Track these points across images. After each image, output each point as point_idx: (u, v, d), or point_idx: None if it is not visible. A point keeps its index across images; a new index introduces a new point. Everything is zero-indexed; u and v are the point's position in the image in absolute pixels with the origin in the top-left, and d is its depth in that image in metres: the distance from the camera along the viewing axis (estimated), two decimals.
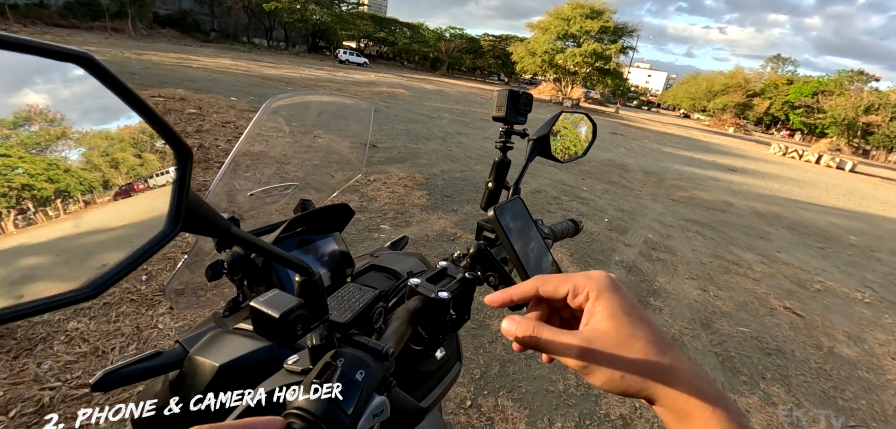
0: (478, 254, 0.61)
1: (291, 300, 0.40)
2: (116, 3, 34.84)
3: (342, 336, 0.46)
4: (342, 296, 0.52)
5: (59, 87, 0.27)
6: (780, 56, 67.29)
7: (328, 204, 0.75)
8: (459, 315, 0.61)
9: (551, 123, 0.83)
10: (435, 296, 0.54)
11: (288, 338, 0.39)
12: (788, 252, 5.63)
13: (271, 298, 0.40)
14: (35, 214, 0.26)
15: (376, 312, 0.52)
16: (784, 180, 13.78)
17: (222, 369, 0.55)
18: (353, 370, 0.39)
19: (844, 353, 3.25)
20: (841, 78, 44.61)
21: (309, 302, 0.42)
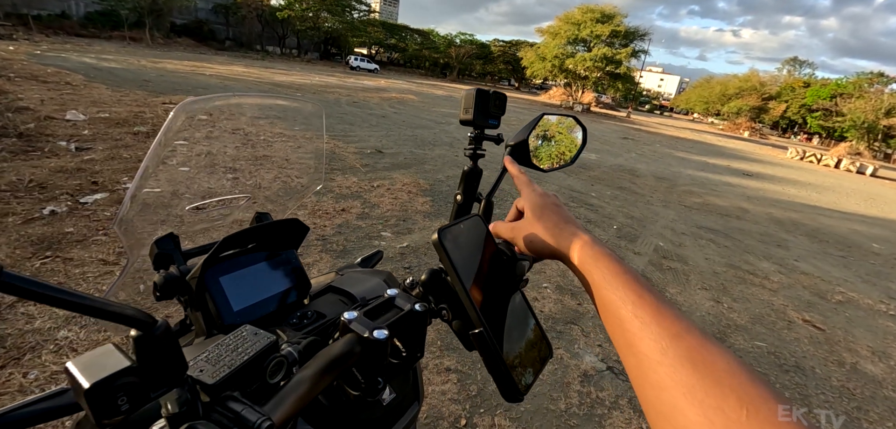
0: (430, 281, 0.53)
1: (118, 364, 0.31)
2: (135, 14, 35.67)
3: (213, 399, 0.37)
4: (229, 344, 0.42)
5: None
6: (798, 59, 65.76)
7: (277, 220, 0.67)
8: (410, 352, 0.52)
9: (531, 126, 0.73)
10: (369, 335, 0.45)
11: (105, 414, 0.30)
12: (807, 261, 5.41)
13: (95, 358, 0.31)
14: None
15: (272, 364, 0.42)
16: (802, 185, 13.38)
17: None
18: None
19: (869, 370, 3.06)
20: (860, 80, 43.48)
21: (148, 364, 0.32)
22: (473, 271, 0.46)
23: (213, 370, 0.37)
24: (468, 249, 0.48)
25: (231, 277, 0.62)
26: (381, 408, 0.59)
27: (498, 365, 0.45)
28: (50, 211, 3.36)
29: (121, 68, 14.15)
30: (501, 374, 0.45)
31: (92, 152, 4.81)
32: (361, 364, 0.47)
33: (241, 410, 0.34)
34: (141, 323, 0.31)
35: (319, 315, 0.63)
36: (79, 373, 0.29)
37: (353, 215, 4.20)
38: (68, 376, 0.30)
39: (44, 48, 18.46)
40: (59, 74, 10.45)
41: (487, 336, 0.44)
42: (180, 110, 0.63)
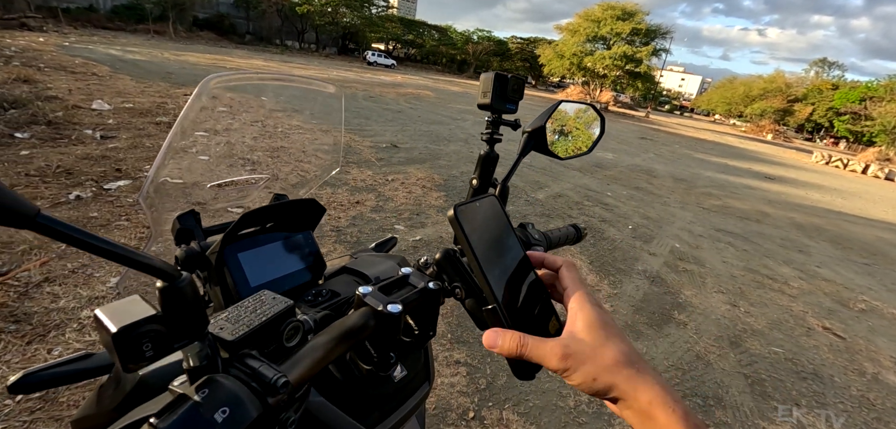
0: (444, 260, 0.53)
1: (145, 311, 0.33)
2: (159, 8, 36.54)
3: (231, 355, 0.38)
4: (248, 306, 0.44)
5: None
6: (827, 60, 63.63)
7: (294, 199, 0.69)
8: (422, 330, 0.53)
9: (549, 112, 0.72)
10: (383, 309, 0.46)
11: (131, 358, 0.32)
12: (829, 267, 5.25)
13: (124, 306, 0.33)
14: None
15: (289, 328, 0.44)
16: (826, 190, 12.96)
17: (142, 382, 0.49)
18: (214, 406, 0.32)
19: (891, 380, 2.96)
20: (892, 83, 41.74)
21: (172, 314, 0.34)
22: (488, 250, 0.47)
23: (232, 328, 0.39)
24: (483, 227, 0.48)
25: (249, 253, 0.64)
26: (392, 384, 0.60)
27: None
28: (76, 196, 3.48)
29: (145, 60, 14.51)
30: None
31: (116, 141, 4.96)
32: (375, 338, 0.48)
33: (258, 366, 0.36)
34: (166, 275, 0.33)
35: (334, 294, 0.64)
36: (107, 318, 0.31)
37: (367, 208, 4.24)
38: (96, 322, 0.32)
39: (72, 40, 19.04)
40: (87, 65, 10.77)
41: (501, 313, 0.44)
42: (204, 85, 0.64)
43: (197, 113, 0.66)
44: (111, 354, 0.31)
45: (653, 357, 2.71)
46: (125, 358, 0.31)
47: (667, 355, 2.77)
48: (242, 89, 0.72)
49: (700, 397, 2.42)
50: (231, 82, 0.71)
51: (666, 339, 2.95)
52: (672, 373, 2.58)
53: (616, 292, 3.49)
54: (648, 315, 3.23)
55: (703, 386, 2.52)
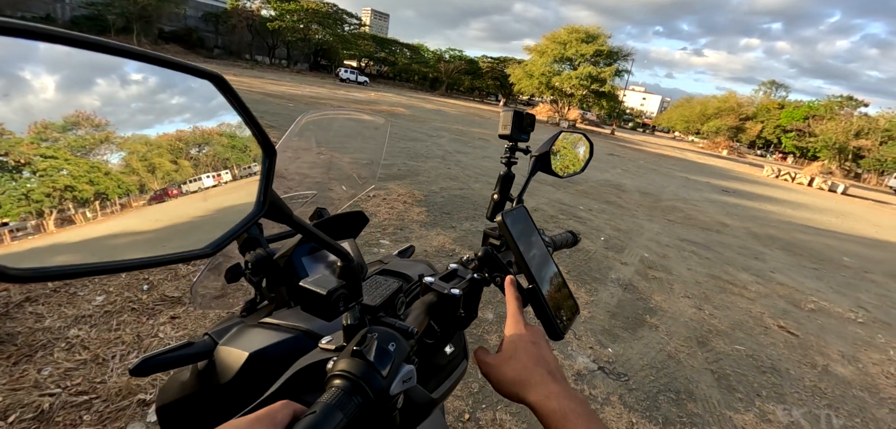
0: (486, 256, 0.67)
1: (335, 281, 0.47)
2: (122, 19, 35.37)
3: (372, 317, 0.51)
4: (371, 285, 0.57)
5: (184, 92, 0.34)
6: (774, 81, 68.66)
7: (344, 211, 0.80)
8: (468, 314, 0.66)
9: (552, 141, 0.90)
10: (447, 292, 0.59)
11: (332, 313, 0.46)
12: (783, 272, 5.69)
13: (317, 280, 0.47)
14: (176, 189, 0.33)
15: (400, 301, 0.58)
16: (778, 202, 13.94)
17: (252, 357, 0.59)
18: (386, 342, 0.45)
19: (839, 372, 3.28)
20: (831, 103, 45.54)
21: (348, 284, 0.48)
22: (526, 245, 0.62)
23: (372, 297, 0.52)
24: (521, 229, 0.63)
25: (309, 258, 0.76)
26: (445, 357, 0.72)
27: (545, 313, 0.60)
28: None
29: None
30: (548, 319, 0.60)
31: None
32: (438, 316, 0.61)
33: (395, 322, 0.49)
34: (346, 256, 0.48)
35: (394, 280, 0.77)
36: (315, 287, 0.46)
37: None
38: (303, 292, 0.46)
39: None
40: None
41: (538, 291, 0.59)
42: (302, 119, 0.76)
43: (294, 140, 0.77)
44: (313, 313, 0.45)
45: (628, 358, 2.90)
46: (330, 312, 0.46)
47: (641, 355, 2.97)
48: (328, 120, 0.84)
49: (673, 391, 2.62)
50: (323, 117, 0.83)
51: (640, 341, 3.16)
52: (647, 371, 2.78)
53: (593, 300, 3.70)
54: (623, 320, 3.44)
55: (676, 382, 2.72)
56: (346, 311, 0.48)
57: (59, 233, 0.28)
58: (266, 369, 0.57)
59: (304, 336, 0.61)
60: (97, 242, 0.30)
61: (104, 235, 0.31)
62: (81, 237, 0.29)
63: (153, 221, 0.33)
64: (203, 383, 0.63)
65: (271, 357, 0.59)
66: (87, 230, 0.30)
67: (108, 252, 0.31)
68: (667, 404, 2.50)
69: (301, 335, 0.61)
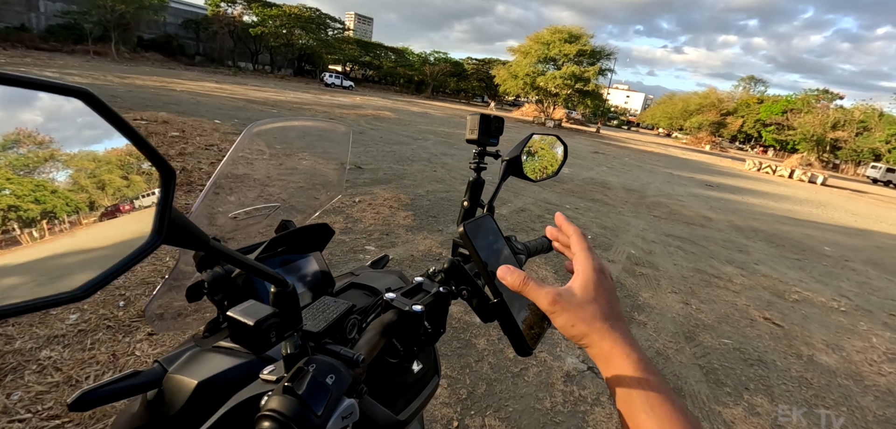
0: (452, 269, 0.64)
1: (266, 309, 0.43)
2: (100, 27, 34.59)
3: (316, 345, 0.48)
4: (317, 308, 0.53)
5: (51, 114, 0.29)
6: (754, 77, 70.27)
7: (308, 224, 0.77)
8: (435, 329, 0.63)
9: (523, 144, 0.87)
10: (408, 309, 0.56)
11: (262, 345, 0.42)
12: (767, 264, 5.78)
13: (247, 308, 0.43)
14: (22, 232, 0.27)
15: (350, 324, 0.54)
16: (759, 195, 14.22)
17: (200, 386, 0.55)
18: (324, 375, 0.41)
19: (824, 361, 3.33)
20: (808, 97, 46.74)
21: (283, 312, 0.44)
22: (489, 256, 0.58)
23: (314, 323, 0.48)
24: (485, 239, 0.60)
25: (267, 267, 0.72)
26: (412, 376, 0.69)
27: (513, 328, 0.57)
28: None
29: (86, 83, 13.60)
30: (516, 335, 0.57)
31: None
32: (401, 334, 0.58)
33: (339, 350, 0.45)
34: (280, 282, 0.43)
35: (345, 301, 0.73)
36: (242, 317, 0.41)
37: (336, 230, 4.24)
38: (231, 322, 0.41)
39: (1, 62, 17.62)
40: None
41: (505, 305, 0.56)
42: (250, 130, 0.72)
43: (241, 153, 0.73)
44: (242, 343, 0.40)
45: None
46: (258, 345, 0.41)
47: None
48: (281, 131, 0.80)
49: None
50: (273, 126, 0.78)
51: None
52: None
53: None
54: None
55: None
56: (280, 341, 0.44)
57: None
58: (216, 399, 0.53)
59: (261, 362, 0.57)
60: None
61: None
62: None
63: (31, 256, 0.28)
64: (152, 415, 0.58)
65: (221, 386, 0.54)
66: None
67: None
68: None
69: (256, 362, 0.57)
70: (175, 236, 0.33)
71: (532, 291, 0.51)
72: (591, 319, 0.48)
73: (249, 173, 0.84)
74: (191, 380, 0.56)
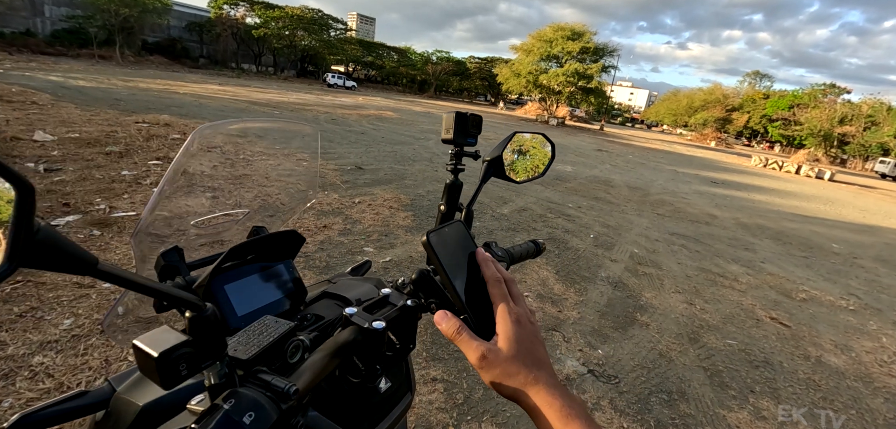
0: (419, 280, 0.59)
1: (177, 338, 0.38)
2: (104, 31, 34.83)
3: (245, 373, 0.42)
4: (254, 330, 0.48)
5: None
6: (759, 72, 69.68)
7: (275, 231, 0.72)
8: (403, 344, 0.58)
9: (505, 143, 0.82)
10: (368, 326, 0.51)
11: (170, 379, 0.37)
12: (773, 263, 5.69)
13: (157, 335, 0.37)
14: None
15: (291, 347, 0.48)
16: (766, 191, 14.05)
17: (144, 411, 0.50)
18: (241, 412, 0.37)
19: (833, 362, 3.24)
20: (814, 91, 46.20)
21: (199, 339, 0.39)
22: (457, 268, 0.53)
23: (245, 349, 0.43)
24: (452, 249, 0.55)
25: (234, 285, 0.67)
26: (379, 395, 0.64)
27: None
28: None
29: (90, 87, 13.75)
30: None
31: (62, 173, 4.67)
32: (362, 353, 0.54)
33: (271, 379, 0.40)
34: (195, 306, 0.37)
35: (318, 317, 0.68)
36: (147, 347, 0.35)
37: (335, 232, 4.21)
38: (136, 351, 0.36)
39: (7, 66, 17.77)
40: (25, 94, 10.09)
41: (471, 322, 0.51)
42: (198, 133, 0.68)
43: (191, 157, 0.69)
44: (150, 376, 0.35)
45: (619, 359, 2.83)
46: (165, 379, 0.36)
47: (632, 355, 2.90)
48: (233, 133, 0.75)
49: (665, 392, 2.56)
50: (224, 129, 0.74)
51: (631, 340, 3.10)
52: (638, 372, 2.71)
53: (582, 300, 3.63)
54: (613, 319, 3.38)
55: (668, 382, 2.66)
56: (195, 373, 0.39)
57: None
58: (161, 423, 0.49)
59: None
60: None
61: None
62: None
63: None
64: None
65: (166, 410, 0.50)
66: None
67: None
68: (659, 405, 2.44)
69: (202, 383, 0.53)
70: (40, 258, 0.28)
71: (463, 342, 0.49)
72: (515, 375, 0.46)
73: (211, 178, 0.80)
74: (136, 403, 0.52)
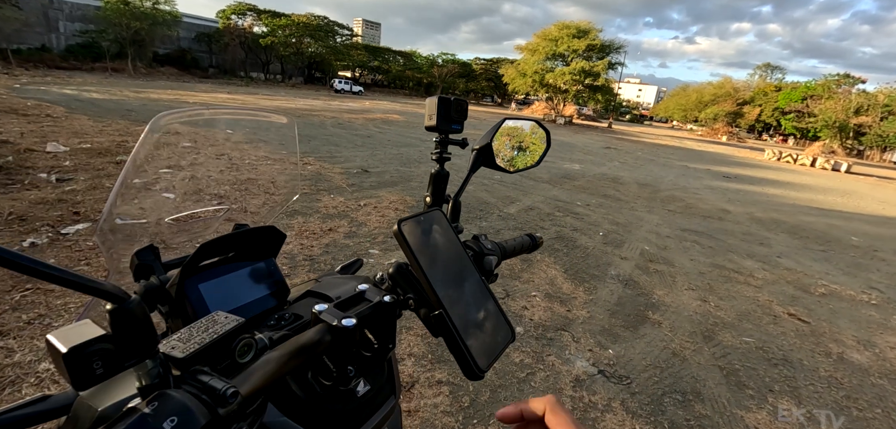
0: (396, 274, 0.55)
1: (93, 332, 0.34)
2: (116, 45, 35.60)
3: (183, 373, 0.38)
4: (200, 327, 0.43)
5: None
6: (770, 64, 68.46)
7: (253, 227, 0.68)
8: (382, 343, 0.54)
9: (494, 130, 0.77)
10: (337, 324, 0.47)
11: (81, 378, 0.33)
12: (789, 257, 5.53)
13: (74, 329, 0.34)
14: None
15: (241, 345, 0.43)
16: (780, 185, 13.75)
17: (102, 416, 0.47)
18: (163, 416, 0.32)
19: (855, 359, 3.12)
20: (828, 82, 45.24)
21: (122, 334, 0.35)
22: (435, 261, 0.49)
23: (184, 347, 0.39)
24: (429, 240, 0.51)
25: (210, 284, 0.63)
26: (355, 399, 0.59)
27: (457, 345, 0.48)
28: (30, 243, 3.29)
29: (103, 99, 14.01)
30: (461, 353, 0.48)
31: (73, 183, 4.73)
32: (332, 353, 0.49)
33: (208, 380, 0.36)
34: (115, 297, 0.34)
35: (296, 317, 0.64)
36: (57, 341, 0.32)
37: (340, 235, 4.19)
38: (48, 346, 0.33)
39: (24, 81, 18.20)
40: (40, 107, 10.30)
41: (447, 318, 0.47)
42: (154, 124, 0.65)
43: (150, 149, 0.65)
44: (62, 375, 0.31)
45: (630, 358, 2.75)
46: (76, 378, 0.32)
47: (644, 354, 2.82)
48: (194, 123, 0.72)
49: (679, 392, 2.47)
50: (183, 118, 0.71)
51: (642, 339, 3.01)
52: (650, 372, 2.63)
53: (592, 298, 3.55)
54: (624, 318, 3.30)
55: (681, 382, 2.57)
56: (116, 372, 0.35)
57: None
58: None
59: None
60: None
61: None
62: None
63: None
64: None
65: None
66: None
67: None
68: (672, 406, 2.35)
69: None
70: None
71: None
72: None
73: (174, 172, 0.77)
74: (94, 407, 0.48)
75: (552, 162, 11.41)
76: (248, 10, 47.36)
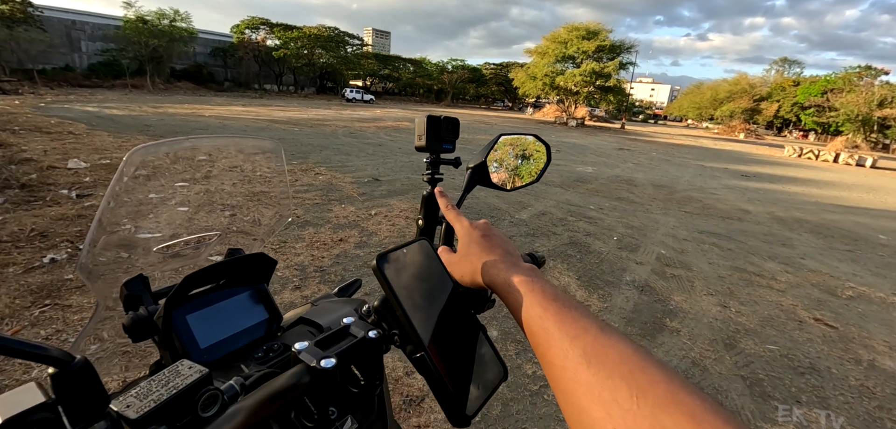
0: (381, 308, 0.52)
1: (35, 400, 0.32)
2: (136, 62, 36.77)
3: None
4: (161, 380, 0.40)
5: None
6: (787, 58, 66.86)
7: (244, 255, 0.66)
8: (368, 380, 0.50)
9: (490, 147, 0.74)
10: (316, 365, 0.44)
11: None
12: (814, 258, 5.34)
13: (14, 396, 0.32)
14: None
15: (205, 398, 0.40)
16: (802, 182, 13.35)
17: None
18: None
19: (888, 366, 2.97)
20: (849, 75, 43.90)
21: (67, 399, 0.33)
22: (419, 296, 0.46)
23: (139, 405, 0.36)
24: (413, 273, 0.48)
25: (198, 314, 0.62)
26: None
27: (442, 389, 0.44)
28: (50, 259, 3.36)
29: (123, 115, 14.41)
30: (446, 398, 0.45)
31: (93, 199, 4.84)
32: (312, 394, 0.47)
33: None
34: (57, 360, 0.33)
35: (286, 347, 0.62)
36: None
37: (350, 245, 4.19)
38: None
39: (48, 100, 18.85)
40: (62, 124, 10.64)
41: (429, 361, 0.44)
42: (132, 157, 0.64)
43: (128, 182, 0.64)
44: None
45: None
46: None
47: None
48: (173, 153, 0.71)
49: None
50: (161, 150, 0.70)
51: (660, 348, 2.92)
52: None
53: (606, 306, 3.47)
54: (640, 325, 3.21)
55: None
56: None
57: None
58: None
59: None
60: None
61: None
62: None
63: None
64: None
65: None
66: None
67: None
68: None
69: None
70: None
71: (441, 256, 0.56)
72: (477, 260, 0.51)
73: (153, 204, 0.75)
74: None
75: (564, 165, 11.29)
76: (262, 24, 48.38)
